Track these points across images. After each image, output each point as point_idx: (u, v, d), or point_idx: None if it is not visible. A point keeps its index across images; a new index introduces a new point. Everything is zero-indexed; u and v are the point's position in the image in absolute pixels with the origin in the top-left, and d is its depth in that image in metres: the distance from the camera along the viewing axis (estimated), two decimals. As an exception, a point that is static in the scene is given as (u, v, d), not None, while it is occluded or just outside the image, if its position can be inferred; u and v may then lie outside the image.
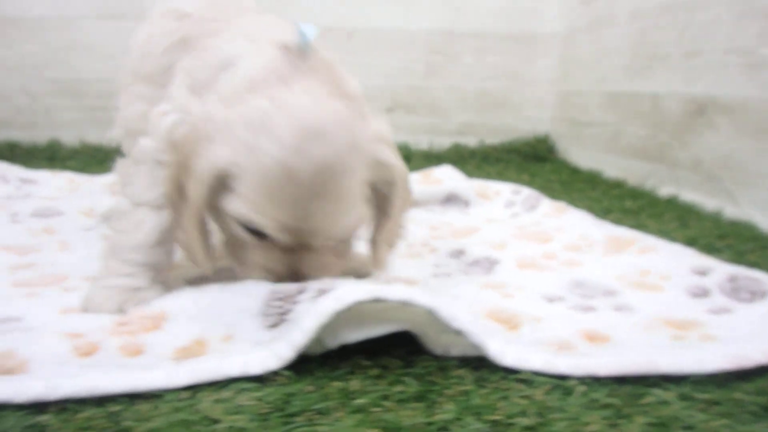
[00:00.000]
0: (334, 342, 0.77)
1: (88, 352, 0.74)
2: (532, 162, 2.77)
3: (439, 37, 2.94)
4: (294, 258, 0.88)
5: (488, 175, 2.24)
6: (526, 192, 1.69)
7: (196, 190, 0.85)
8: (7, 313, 0.88)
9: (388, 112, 2.93)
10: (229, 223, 0.88)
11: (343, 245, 0.93)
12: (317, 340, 0.76)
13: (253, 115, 0.84)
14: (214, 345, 0.77)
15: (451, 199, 1.70)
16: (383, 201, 0.94)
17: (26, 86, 2.81)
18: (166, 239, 0.96)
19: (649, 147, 2.11)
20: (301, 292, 0.80)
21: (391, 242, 0.99)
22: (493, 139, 2.98)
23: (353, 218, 0.87)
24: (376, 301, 0.74)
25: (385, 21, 2.90)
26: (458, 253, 1.21)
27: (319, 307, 0.73)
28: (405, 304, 0.74)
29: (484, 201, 1.68)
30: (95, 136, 2.80)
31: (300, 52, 0.92)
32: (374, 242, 0.98)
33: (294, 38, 0.93)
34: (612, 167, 2.34)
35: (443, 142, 2.97)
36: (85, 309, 0.91)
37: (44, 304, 0.93)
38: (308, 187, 0.81)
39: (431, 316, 0.76)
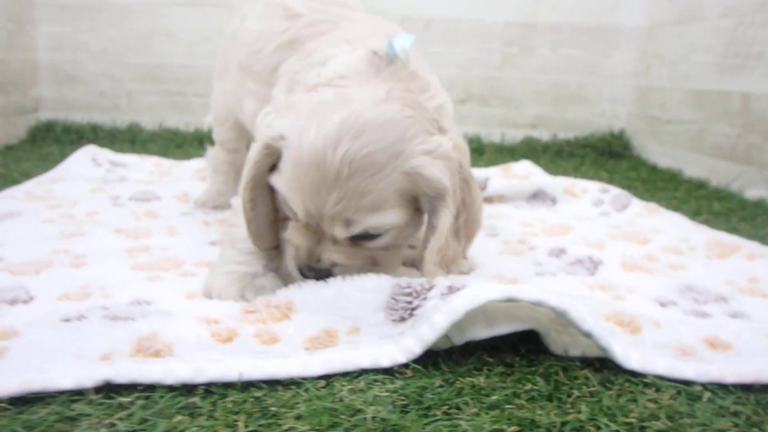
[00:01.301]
0: (461, 339, 0.79)
1: (228, 338, 0.77)
2: (607, 158, 2.74)
3: (516, 28, 2.93)
4: (317, 242, 0.90)
5: (564, 171, 2.23)
6: (615, 191, 1.68)
7: (251, 157, 0.91)
8: (137, 296, 0.92)
9: (461, 103, 2.93)
10: (279, 201, 0.93)
11: (382, 253, 0.93)
12: (444, 335, 0.77)
13: (316, 102, 0.89)
14: (342, 337, 0.80)
15: (537, 196, 1.70)
16: (434, 216, 0.91)
17: (109, 71, 2.90)
18: None
19: (736, 147, 2.06)
20: (430, 288, 0.81)
21: (444, 264, 0.94)
22: (566, 134, 2.96)
23: (374, 219, 0.87)
24: (508, 300, 0.75)
25: (463, 11, 2.90)
26: (559, 252, 1.22)
27: (451, 304, 0.75)
28: (537, 304, 0.75)
29: (571, 198, 1.68)
30: (173, 121, 2.89)
31: (386, 59, 0.96)
32: (421, 257, 0.94)
33: (384, 46, 0.96)
34: (693, 166, 2.30)
35: (515, 135, 2.96)
36: (208, 295, 0.95)
37: (168, 288, 0.97)
38: (330, 176, 0.83)
39: (557, 316, 0.78)
